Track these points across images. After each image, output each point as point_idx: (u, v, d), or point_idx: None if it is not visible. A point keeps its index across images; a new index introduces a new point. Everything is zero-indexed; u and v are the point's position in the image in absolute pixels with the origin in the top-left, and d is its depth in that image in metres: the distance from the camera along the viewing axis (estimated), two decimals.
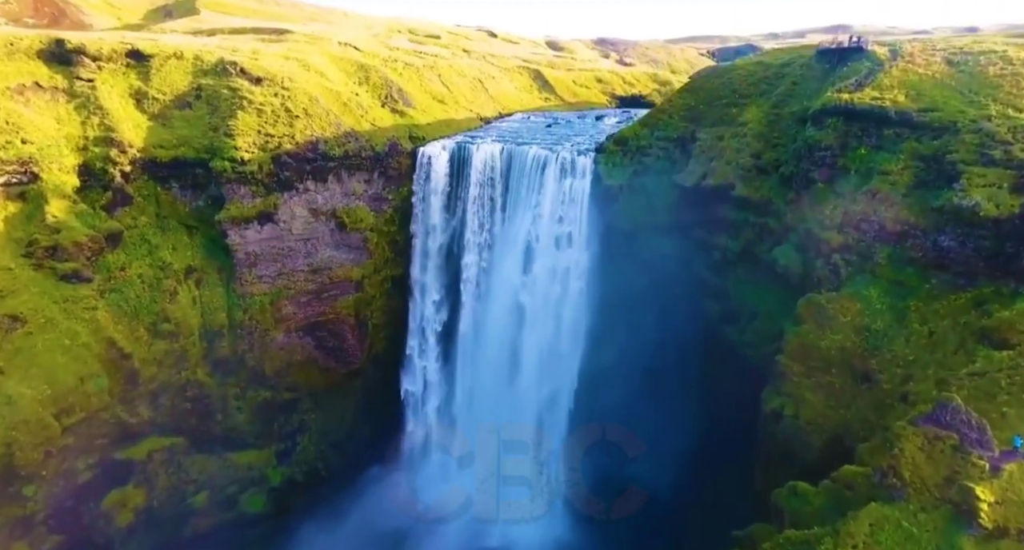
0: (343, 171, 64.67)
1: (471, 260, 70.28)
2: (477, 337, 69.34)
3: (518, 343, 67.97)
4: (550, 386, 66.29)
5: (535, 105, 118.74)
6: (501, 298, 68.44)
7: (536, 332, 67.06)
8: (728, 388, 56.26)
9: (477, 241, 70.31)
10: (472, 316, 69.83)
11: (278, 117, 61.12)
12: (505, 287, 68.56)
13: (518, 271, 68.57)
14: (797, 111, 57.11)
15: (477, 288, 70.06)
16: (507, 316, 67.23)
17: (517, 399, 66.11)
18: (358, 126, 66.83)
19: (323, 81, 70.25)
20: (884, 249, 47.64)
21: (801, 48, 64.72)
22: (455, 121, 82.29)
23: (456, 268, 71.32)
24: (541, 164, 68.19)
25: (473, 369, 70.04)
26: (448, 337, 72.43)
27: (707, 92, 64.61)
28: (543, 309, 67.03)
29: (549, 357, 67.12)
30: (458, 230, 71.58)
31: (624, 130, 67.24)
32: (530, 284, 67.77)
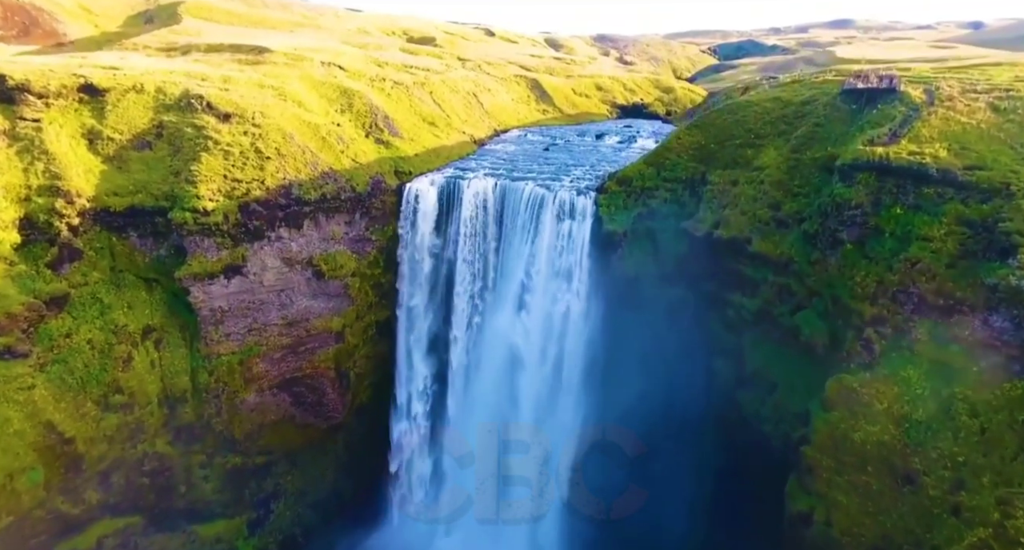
0: (320, 215, 58.30)
1: (462, 307, 64.09)
2: (467, 394, 63.25)
3: (511, 401, 61.93)
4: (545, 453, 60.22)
5: (532, 118, 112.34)
6: (493, 350, 62.41)
7: (531, 389, 60.94)
8: (744, 467, 50.28)
9: (468, 286, 64.14)
10: (463, 371, 63.73)
11: (247, 159, 54.64)
12: (498, 338, 62.48)
13: (512, 320, 62.46)
14: (821, 158, 50.71)
15: (467, 339, 63.86)
16: (500, 371, 61.12)
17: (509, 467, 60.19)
18: (337, 164, 60.35)
19: (300, 112, 63.68)
20: (924, 324, 41.58)
21: (823, 83, 58.25)
22: (446, 148, 75.75)
23: (446, 316, 65.11)
24: (537, 204, 61.96)
25: (464, 427, 63.98)
26: (439, 394, 66.43)
27: (718, 130, 58.18)
28: (538, 365, 60.89)
29: (545, 416, 61.05)
30: (448, 273, 65.31)
31: (627, 168, 60.81)
32: (525, 334, 61.61)
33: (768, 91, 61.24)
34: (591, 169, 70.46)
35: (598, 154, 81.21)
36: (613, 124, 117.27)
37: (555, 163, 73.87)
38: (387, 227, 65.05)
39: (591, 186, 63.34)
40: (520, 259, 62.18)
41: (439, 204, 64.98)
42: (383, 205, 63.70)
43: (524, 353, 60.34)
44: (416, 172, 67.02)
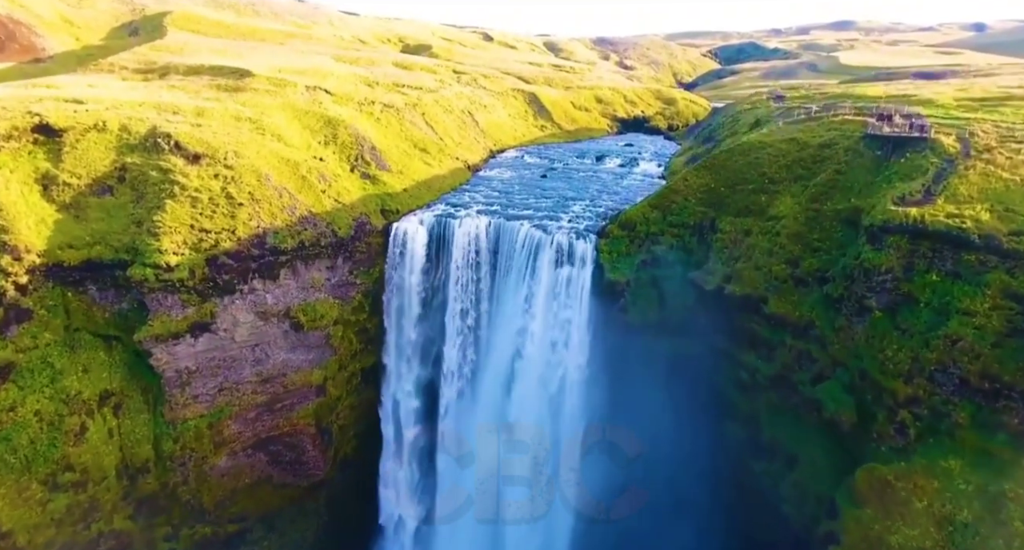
0: (298, 262, 53.24)
1: (453, 357, 59.09)
2: (460, 452, 58.21)
3: (506, 460, 56.95)
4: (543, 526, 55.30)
5: (530, 136, 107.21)
6: (486, 405, 57.39)
7: (527, 449, 55.92)
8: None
9: (459, 336, 59.14)
10: (454, 426, 58.74)
11: (217, 206, 49.53)
12: (491, 391, 57.48)
13: (506, 373, 57.45)
14: (844, 210, 45.68)
15: (460, 393, 58.90)
16: (493, 429, 56.11)
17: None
18: (318, 205, 55.25)
19: (279, 148, 58.52)
20: (966, 408, 36.78)
21: (842, 123, 53.08)
22: (438, 178, 70.63)
23: (436, 365, 60.11)
24: (534, 247, 56.99)
25: (456, 480, 59.10)
26: (429, 446, 61.49)
27: (729, 172, 53.11)
28: (536, 422, 55.90)
29: (542, 477, 56.08)
30: (438, 320, 60.29)
31: (630, 211, 55.75)
32: (520, 389, 56.63)
33: (782, 128, 55.99)
34: (591, 204, 65.53)
35: (598, 182, 76.21)
36: (614, 141, 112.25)
37: (552, 194, 68.90)
38: (373, 269, 60.09)
39: (591, 227, 58.43)
40: (515, 307, 57.27)
41: (428, 245, 60.07)
42: (368, 248, 58.68)
43: (517, 414, 55.32)
44: (404, 210, 61.94)
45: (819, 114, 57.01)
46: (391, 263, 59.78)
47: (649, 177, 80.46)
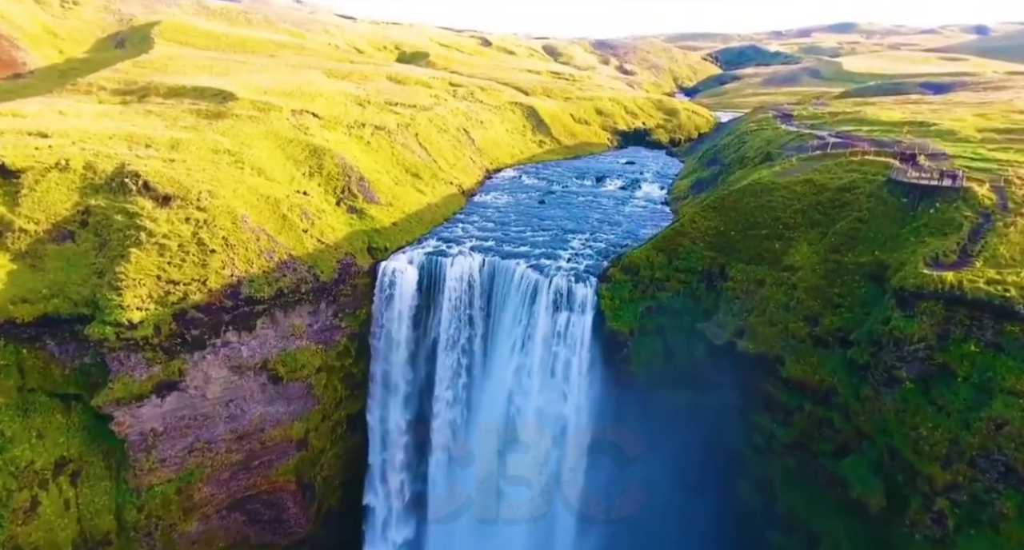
0: (277, 311, 48.98)
1: (444, 407, 54.86)
2: (452, 508, 54.00)
3: (500, 516, 52.78)
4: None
5: (528, 153, 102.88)
6: (480, 462, 53.17)
7: (522, 508, 51.74)
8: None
9: (451, 385, 54.93)
10: (445, 481, 54.49)
11: (187, 254, 45.23)
12: (484, 448, 53.28)
13: (501, 426, 53.22)
14: (867, 264, 41.39)
15: (450, 447, 54.65)
16: (486, 490, 51.92)
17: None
18: (299, 247, 50.96)
19: (259, 183, 54.22)
20: (1013, 497, 32.56)
21: (862, 163, 48.72)
22: (431, 207, 66.32)
23: (426, 417, 55.91)
24: (530, 290, 52.79)
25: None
26: (419, 496, 57.31)
27: (740, 214, 48.79)
28: (532, 480, 51.66)
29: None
30: (428, 367, 56.05)
31: (633, 253, 51.45)
32: (516, 446, 52.41)
33: (796, 165, 51.66)
34: (591, 238, 61.33)
35: (599, 209, 71.98)
36: (614, 157, 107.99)
37: (550, 225, 64.68)
38: (360, 310, 55.89)
39: (592, 268, 54.22)
40: (510, 355, 53.13)
41: (419, 286, 55.84)
42: (354, 289, 54.45)
43: (513, 470, 51.12)
44: (393, 247, 57.67)
45: (836, 150, 52.59)
46: (379, 305, 55.53)
47: (652, 203, 76.31)
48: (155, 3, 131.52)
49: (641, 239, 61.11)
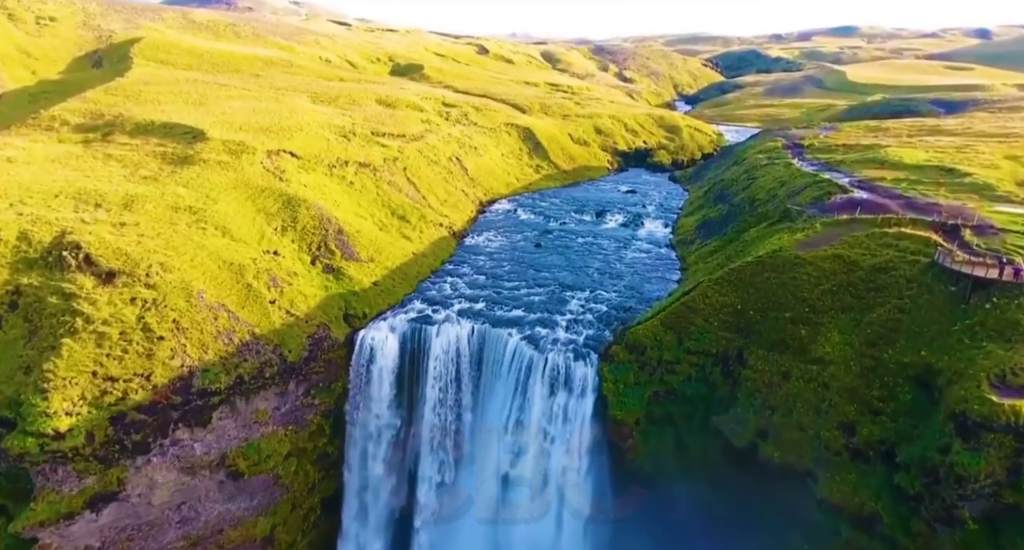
0: (237, 399, 42.85)
1: (426, 501, 48.71)
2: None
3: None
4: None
5: (524, 180, 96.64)
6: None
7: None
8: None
9: (435, 471, 48.73)
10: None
11: (129, 343, 39.00)
12: (474, 541, 47.13)
13: (490, 520, 47.05)
14: (913, 366, 35.18)
15: (434, 538, 48.49)
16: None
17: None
18: (264, 323, 44.74)
19: (223, 246, 47.96)
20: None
21: (898, 236, 42.50)
22: (417, 258, 60.08)
23: (407, 503, 49.78)
24: (524, 367, 46.69)
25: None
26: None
27: (759, 292, 42.55)
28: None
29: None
30: (411, 451, 49.88)
31: (639, 330, 45.19)
32: (507, 545, 46.27)
33: (820, 232, 45.38)
34: (591, 297, 55.33)
35: (599, 256, 65.86)
36: (614, 183, 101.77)
37: (547, 279, 58.59)
38: (336, 384, 49.89)
39: (593, 339, 48.18)
40: (501, 441, 47.00)
41: (400, 359, 49.61)
42: (328, 364, 48.29)
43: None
44: (373, 312, 51.44)
45: (864, 214, 46.32)
46: (356, 379, 49.36)
47: (655, 245, 70.23)
48: (138, 17, 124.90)
49: (646, 298, 55.22)
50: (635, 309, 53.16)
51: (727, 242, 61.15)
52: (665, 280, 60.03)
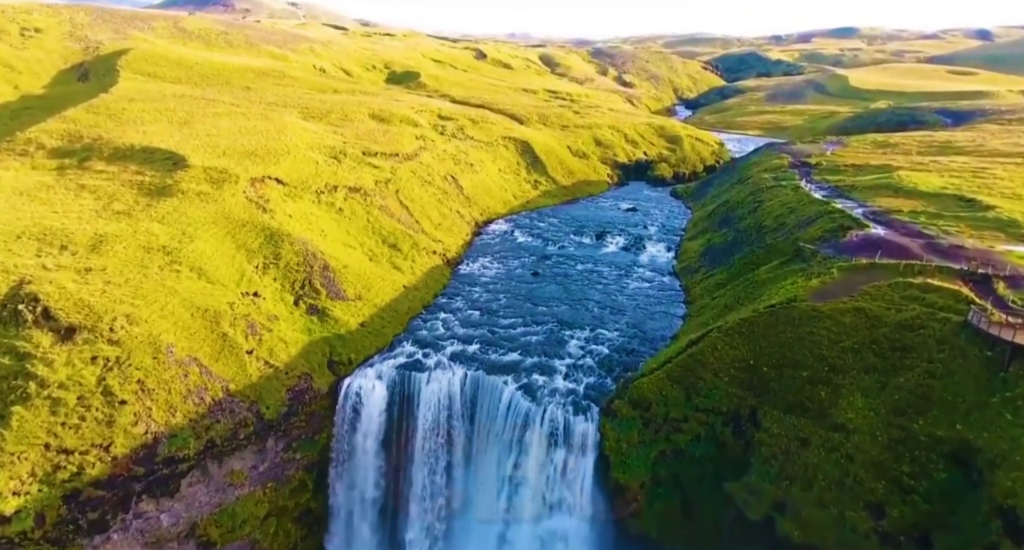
0: (209, 462, 39.16)
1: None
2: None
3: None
4: None
5: (522, 197, 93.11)
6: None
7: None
8: None
9: (423, 534, 45.13)
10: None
11: (88, 409, 35.37)
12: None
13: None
14: (947, 440, 31.56)
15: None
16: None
17: None
18: (240, 377, 41.14)
19: (198, 289, 44.31)
20: None
21: (923, 287, 38.76)
22: (408, 292, 56.50)
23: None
24: (521, 420, 43.25)
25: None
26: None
27: (773, 347, 38.91)
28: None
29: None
30: (399, 506, 46.30)
31: (644, 384, 41.59)
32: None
33: (838, 279, 41.73)
34: (591, 336, 52.01)
35: (599, 286, 62.50)
36: (614, 200, 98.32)
37: (545, 314, 55.28)
38: (320, 435, 46.32)
39: (593, 388, 44.77)
40: (495, 499, 43.46)
41: (388, 408, 46.15)
42: (310, 416, 44.61)
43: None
44: (360, 357, 47.84)
45: (884, 259, 42.63)
46: (340, 433, 45.81)
47: (658, 273, 66.80)
48: (127, 27, 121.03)
49: (650, 337, 51.81)
50: (638, 352, 49.70)
51: (734, 275, 57.62)
52: (669, 316, 56.56)
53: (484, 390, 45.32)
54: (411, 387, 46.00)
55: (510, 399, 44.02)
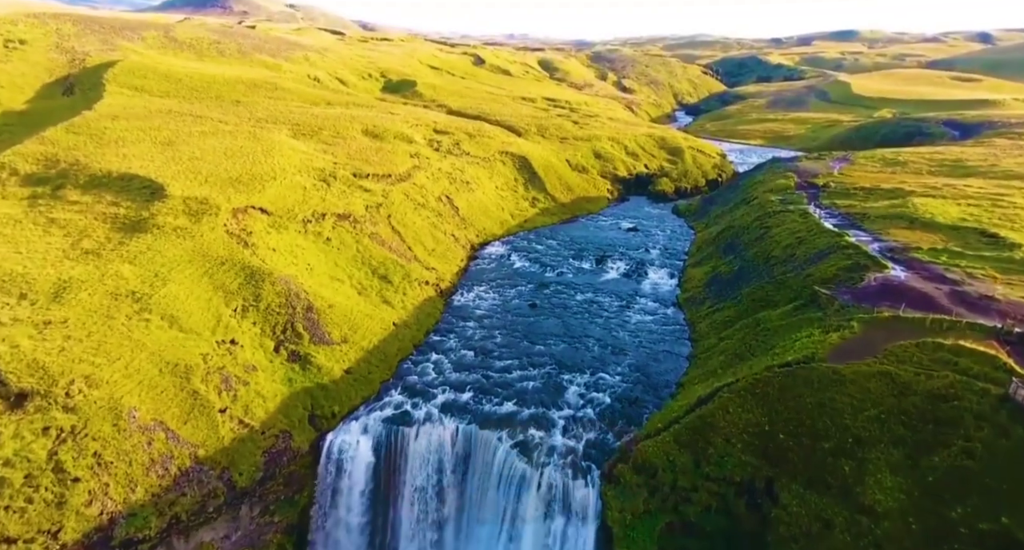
0: (175, 537, 35.39)
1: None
2: None
3: None
4: None
5: (520, 216, 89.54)
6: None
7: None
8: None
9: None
10: None
11: (36, 490, 31.78)
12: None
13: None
14: (991, 534, 28.00)
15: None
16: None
17: None
18: (211, 440, 37.43)
19: (168, 341, 40.60)
20: None
21: (954, 350, 35.11)
22: (399, 329, 52.93)
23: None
24: (516, 482, 39.55)
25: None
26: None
27: (790, 411, 35.24)
28: None
29: None
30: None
31: (649, 447, 37.93)
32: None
33: (859, 335, 37.99)
34: (592, 383, 48.64)
35: (600, 320, 59.10)
36: (614, 218, 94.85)
37: (543, 354, 51.91)
38: (300, 495, 42.67)
39: (594, 445, 41.33)
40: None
41: (374, 468, 42.44)
42: (289, 478, 40.85)
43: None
44: (344, 409, 44.25)
45: (908, 312, 38.93)
46: (322, 492, 42.09)
47: (661, 304, 63.33)
48: (116, 38, 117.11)
49: (654, 383, 48.36)
50: (642, 401, 46.15)
51: (742, 312, 54.02)
52: (674, 356, 53.04)
53: (477, 447, 41.81)
54: (399, 443, 42.48)
55: (505, 458, 40.52)
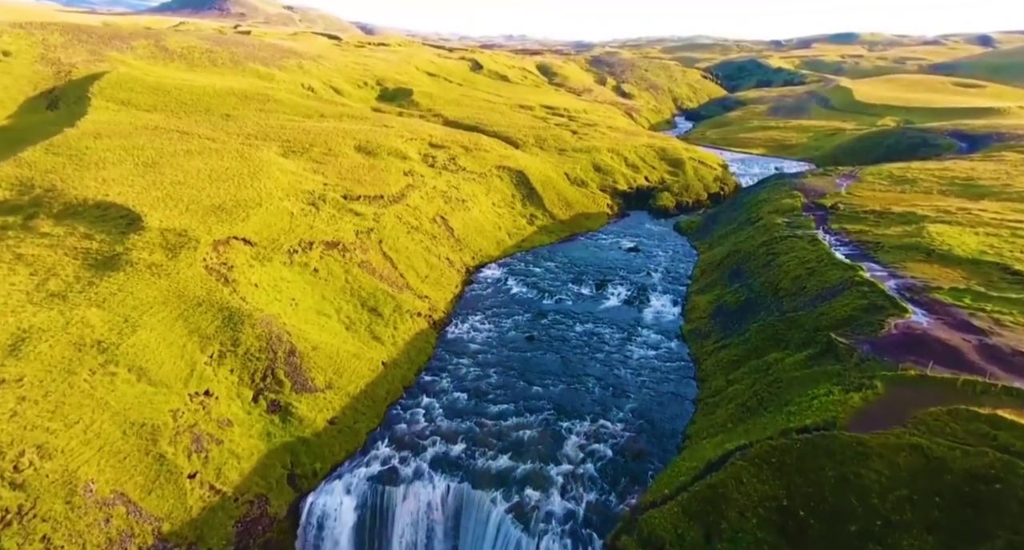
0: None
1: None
2: None
3: None
4: None
5: (517, 235, 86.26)
6: None
7: None
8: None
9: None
10: None
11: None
12: None
13: None
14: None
15: None
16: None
17: None
18: (178, 511, 34.11)
19: (134, 397, 37.23)
20: None
21: (992, 420, 31.73)
22: (388, 369, 49.63)
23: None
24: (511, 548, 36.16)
25: None
26: None
27: (810, 484, 31.88)
28: None
29: None
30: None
31: (656, 518, 34.65)
32: None
33: (884, 396, 34.67)
34: (593, 432, 45.96)
35: (600, 355, 56.19)
36: (615, 236, 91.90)
37: (540, 397, 49.24)
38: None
39: (595, 507, 38.22)
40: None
41: (358, 531, 39.09)
42: (265, 544, 37.45)
43: None
44: (327, 466, 40.86)
45: (935, 370, 35.58)
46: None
47: (664, 337, 60.22)
48: (104, 48, 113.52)
49: (659, 432, 45.29)
50: (647, 454, 42.95)
51: (751, 350, 50.79)
52: (679, 399, 49.87)
53: (469, 509, 38.55)
54: (385, 504, 39.13)
55: (499, 524, 37.22)
